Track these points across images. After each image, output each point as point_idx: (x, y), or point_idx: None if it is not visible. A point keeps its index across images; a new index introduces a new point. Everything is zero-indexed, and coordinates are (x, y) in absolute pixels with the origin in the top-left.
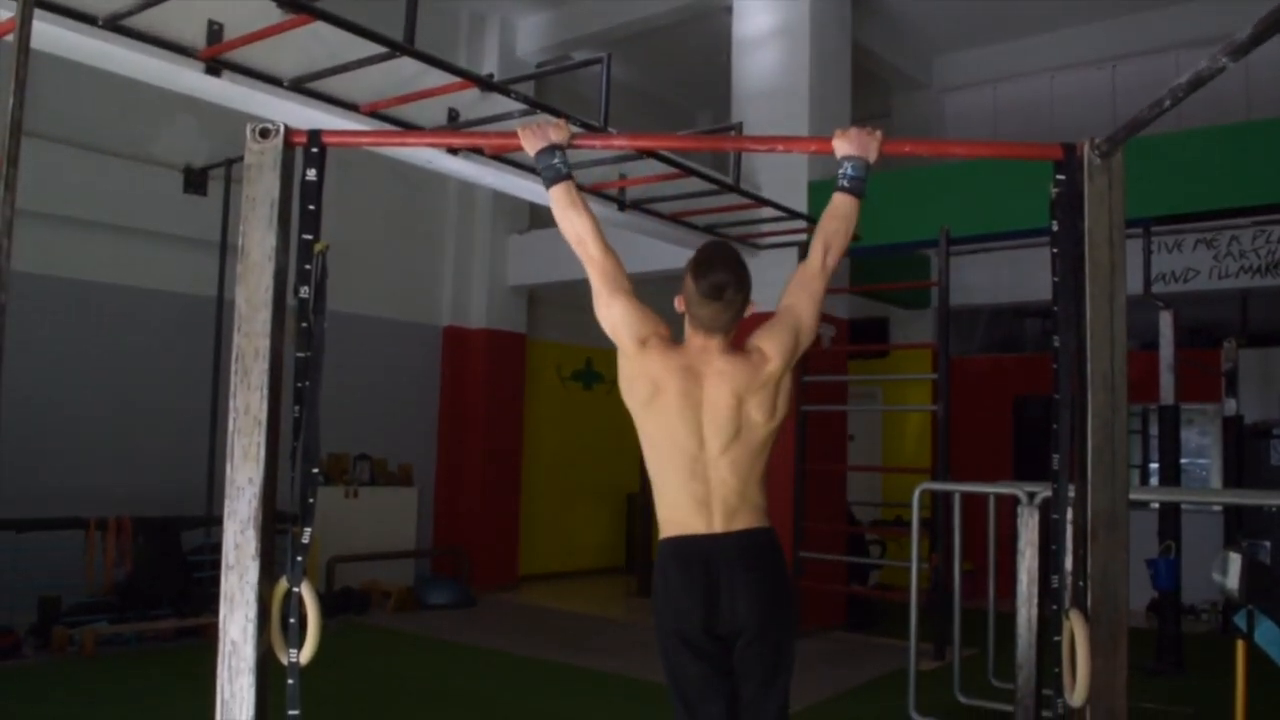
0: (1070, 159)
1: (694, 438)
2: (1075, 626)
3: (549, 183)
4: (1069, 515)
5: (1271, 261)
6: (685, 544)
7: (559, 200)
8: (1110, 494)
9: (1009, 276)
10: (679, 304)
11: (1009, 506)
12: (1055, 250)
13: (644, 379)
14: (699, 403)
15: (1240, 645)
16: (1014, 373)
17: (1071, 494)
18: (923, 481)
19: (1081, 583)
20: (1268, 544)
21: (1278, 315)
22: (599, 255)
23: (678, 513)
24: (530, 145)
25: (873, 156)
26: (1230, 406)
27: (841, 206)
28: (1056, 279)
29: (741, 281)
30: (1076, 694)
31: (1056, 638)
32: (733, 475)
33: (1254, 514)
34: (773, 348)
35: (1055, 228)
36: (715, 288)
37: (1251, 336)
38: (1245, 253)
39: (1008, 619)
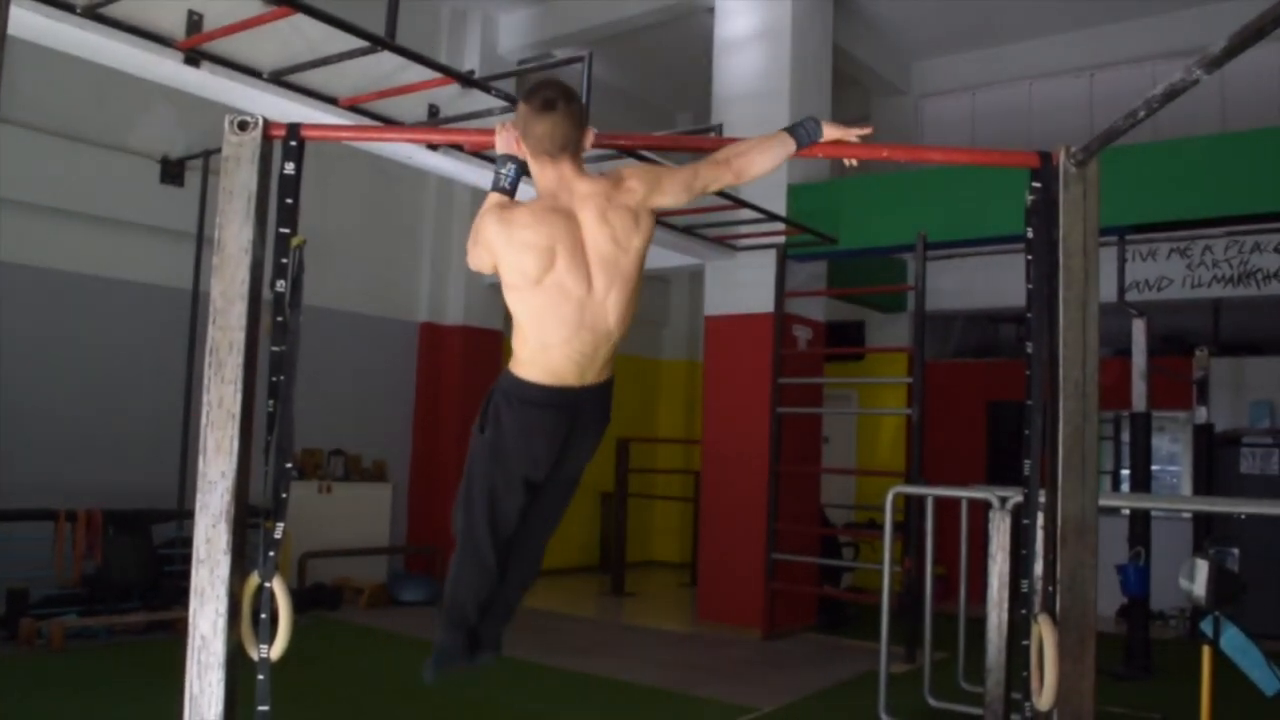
0: (1046, 167)
1: (582, 281)
2: (1044, 631)
3: (491, 186)
4: (1039, 520)
5: (1244, 271)
6: (555, 394)
7: (484, 206)
8: (1080, 500)
9: (984, 282)
10: (515, 141)
11: (981, 511)
12: (1030, 257)
13: (525, 249)
14: (579, 240)
15: (1207, 651)
16: (988, 378)
17: (1043, 499)
18: (896, 485)
19: (1051, 587)
20: (1236, 551)
21: (1249, 324)
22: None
23: (551, 364)
24: (499, 146)
25: (834, 134)
26: (1201, 414)
27: (777, 136)
28: (1030, 285)
29: (571, 95)
30: (1044, 698)
31: (1025, 642)
32: (618, 324)
33: (1223, 521)
34: (632, 172)
35: (1030, 234)
36: (547, 101)
37: (1223, 345)
38: (1218, 262)
39: (978, 623)
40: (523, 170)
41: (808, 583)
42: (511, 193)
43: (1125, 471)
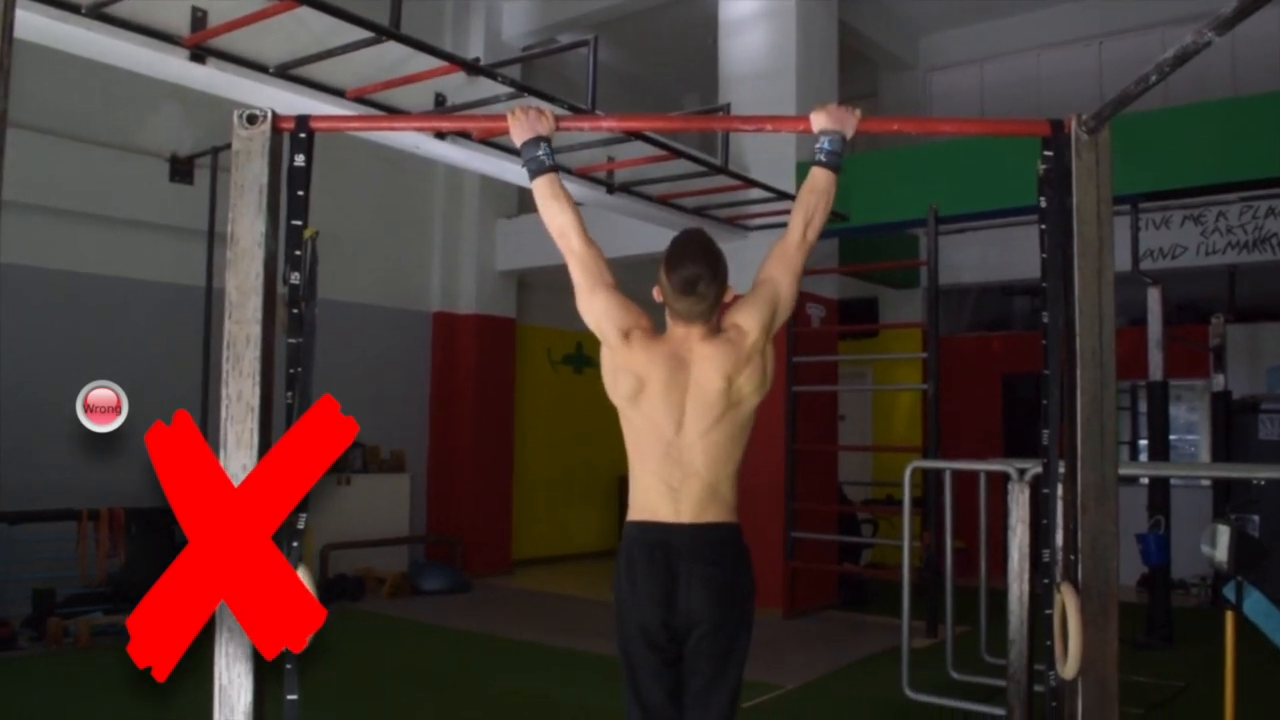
0: (1058, 135)
1: (673, 422)
2: (1066, 599)
3: (533, 174)
4: (1059, 490)
5: (1258, 237)
6: (649, 530)
7: (542, 192)
8: (1100, 467)
9: (996, 255)
10: (657, 295)
11: (1000, 484)
12: (1044, 226)
13: (627, 373)
14: (684, 387)
15: (1230, 617)
16: (1002, 351)
17: (1062, 469)
18: (913, 460)
19: (1073, 556)
20: (1256, 517)
21: (1265, 290)
22: (581, 248)
23: (646, 497)
24: (517, 135)
25: (849, 132)
26: (1218, 382)
27: (820, 180)
28: (1045, 255)
29: (715, 272)
30: (1068, 666)
31: (1048, 611)
32: (707, 466)
33: (1242, 488)
34: (749, 321)
35: (1043, 204)
36: (687, 282)
37: (1239, 312)
38: (1232, 228)
39: (999, 595)
40: (551, 145)
41: (827, 560)
42: (555, 168)
43: (1143, 441)
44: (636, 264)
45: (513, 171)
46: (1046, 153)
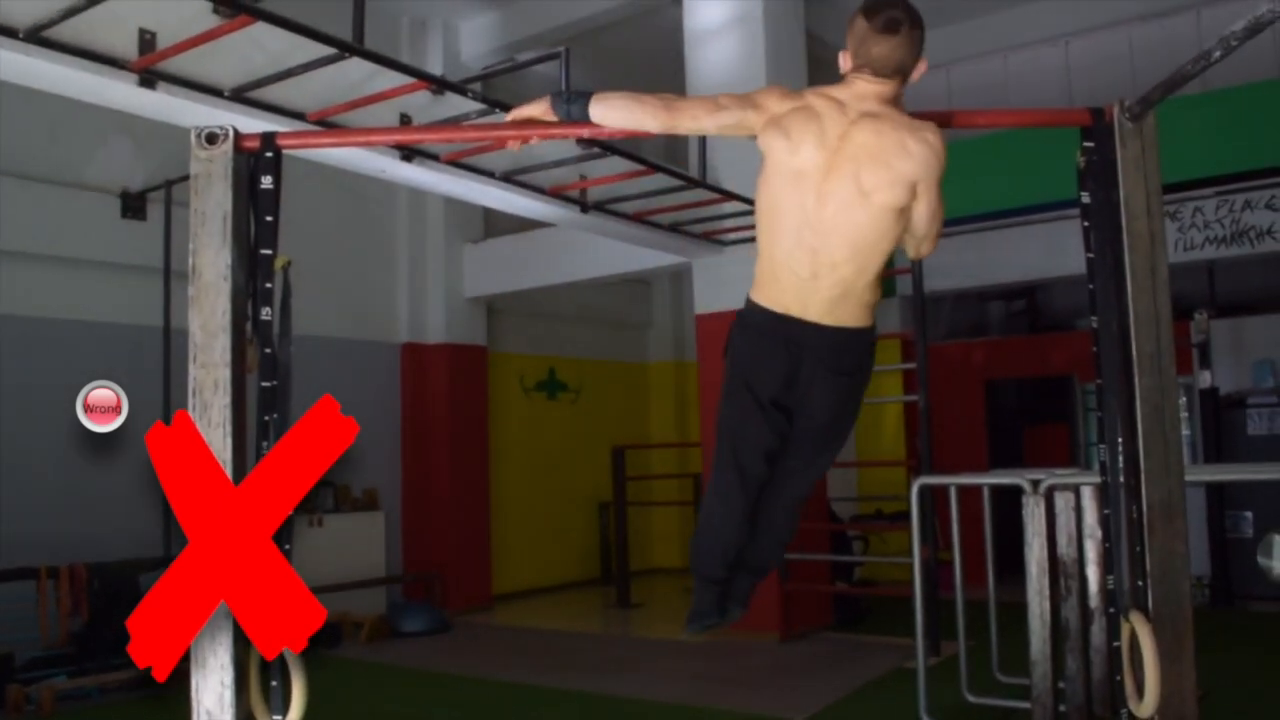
0: (1099, 124)
1: (812, 192)
2: (1138, 630)
3: (580, 111)
4: (1122, 509)
5: (1236, 231)
6: (775, 324)
7: (599, 106)
8: (1165, 483)
9: (974, 259)
10: (844, 59)
11: (976, 492)
12: (1086, 223)
13: (801, 113)
14: (835, 148)
15: None
16: (983, 357)
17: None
18: (901, 474)
19: (1140, 581)
20: (1249, 514)
21: (1245, 284)
22: (675, 108)
23: (775, 281)
24: (537, 109)
25: None
26: (1205, 379)
27: None
28: (1091, 255)
29: (918, 16)
30: (1145, 704)
31: (1116, 643)
32: (844, 260)
33: (1235, 485)
34: (937, 147)
35: (1085, 199)
36: (892, 22)
37: (1220, 307)
38: (1209, 223)
39: (1003, 609)
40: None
41: (821, 581)
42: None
43: None
44: (608, 284)
45: (483, 192)
46: (1087, 144)
